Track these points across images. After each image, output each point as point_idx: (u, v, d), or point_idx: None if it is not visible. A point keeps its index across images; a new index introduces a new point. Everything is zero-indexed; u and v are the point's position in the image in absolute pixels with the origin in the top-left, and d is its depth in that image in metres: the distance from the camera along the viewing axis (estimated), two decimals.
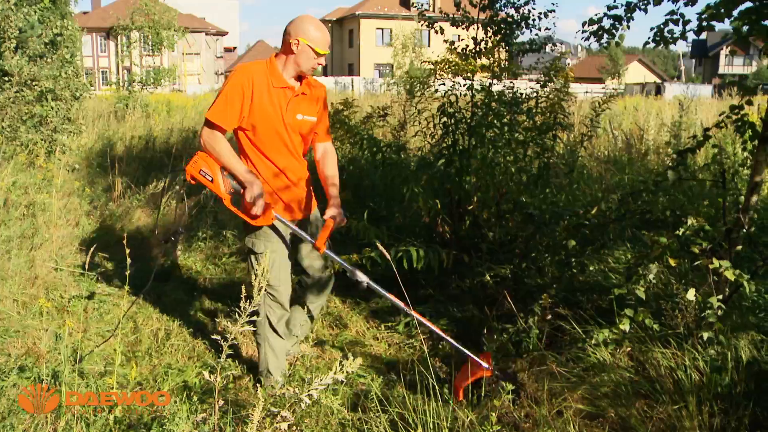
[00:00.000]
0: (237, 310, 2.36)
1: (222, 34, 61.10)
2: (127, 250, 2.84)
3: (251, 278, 3.34)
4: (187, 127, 11.89)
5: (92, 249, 3.88)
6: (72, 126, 8.73)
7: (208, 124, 3.12)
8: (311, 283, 3.65)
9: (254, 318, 2.37)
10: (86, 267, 4.64)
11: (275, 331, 3.42)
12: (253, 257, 3.33)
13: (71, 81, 8.56)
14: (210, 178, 3.11)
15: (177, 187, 7.03)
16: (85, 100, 9.65)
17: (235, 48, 74.30)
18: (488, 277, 4.40)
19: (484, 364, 3.19)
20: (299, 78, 3.26)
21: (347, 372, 2.29)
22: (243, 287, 2.38)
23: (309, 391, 2.40)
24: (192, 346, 3.93)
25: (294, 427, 2.82)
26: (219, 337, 2.52)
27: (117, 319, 4.12)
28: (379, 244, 2.93)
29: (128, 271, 2.99)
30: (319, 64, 3.22)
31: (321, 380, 2.36)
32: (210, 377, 2.41)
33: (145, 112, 14.74)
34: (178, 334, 4.05)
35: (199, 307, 4.58)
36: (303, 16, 3.20)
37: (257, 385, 3.43)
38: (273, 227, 3.26)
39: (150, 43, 18.08)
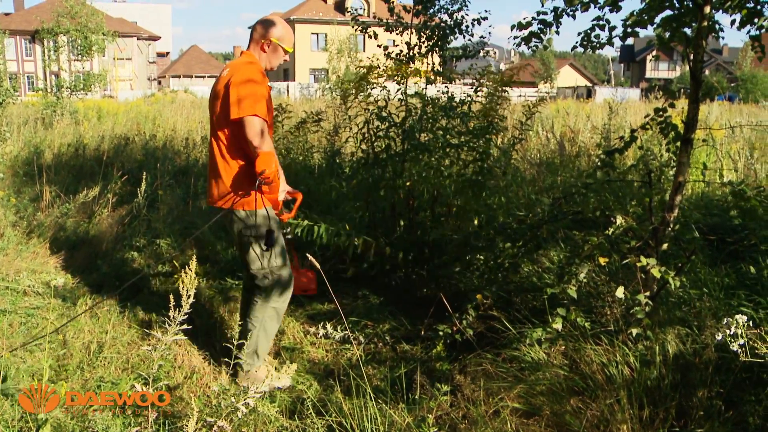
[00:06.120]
0: (168, 320, 2.31)
1: (154, 38, 59.87)
2: (51, 261, 2.74)
3: (255, 266, 3.42)
4: (119, 133, 11.59)
5: (18, 260, 3.75)
6: None
7: (260, 120, 3.16)
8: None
9: (185, 327, 2.33)
10: (11, 280, 4.47)
11: (277, 312, 3.56)
12: (257, 243, 3.41)
13: None
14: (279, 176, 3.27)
15: (109, 195, 6.85)
16: (8, 105, 9.31)
17: (168, 53, 72.93)
18: (419, 274, 4.45)
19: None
20: None
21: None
22: (172, 296, 2.33)
23: (246, 399, 2.38)
24: (126, 358, 3.82)
25: None
26: (152, 348, 2.46)
27: (45, 333, 3.98)
28: (310, 257, 2.91)
29: (55, 283, 2.88)
30: (285, 61, 3.49)
31: (257, 387, 2.33)
32: (143, 389, 2.36)
33: (74, 118, 14.31)
34: (111, 347, 3.93)
35: (133, 318, 4.46)
36: (270, 17, 3.43)
37: (237, 369, 3.47)
38: (269, 210, 3.42)
39: (78, 48, 17.55)
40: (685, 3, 3.36)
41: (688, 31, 3.45)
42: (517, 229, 3.98)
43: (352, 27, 5.56)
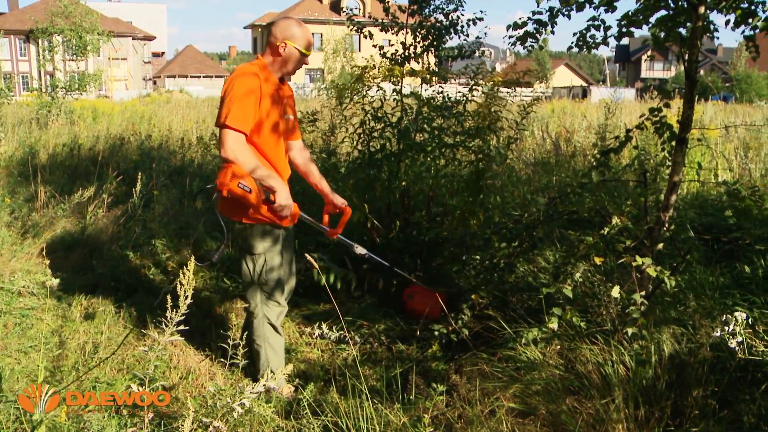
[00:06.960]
0: (165, 320, 2.30)
1: (149, 38, 59.84)
2: (47, 262, 2.74)
3: (248, 279, 3.36)
4: (114, 133, 11.56)
5: (12, 261, 3.73)
6: None
7: (230, 132, 3.04)
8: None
9: (182, 327, 2.32)
10: (6, 281, 4.45)
11: (275, 328, 3.45)
12: (249, 258, 3.34)
13: None
14: (249, 189, 3.04)
15: (104, 195, 6.83)
16: (3, 105, 9.27)
17: (163, 53, 72.84)
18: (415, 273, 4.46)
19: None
20: (281, 79, 3.36)
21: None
22: (169, 296, 2.32)
23: (241, 399, 2.37)
24: (121, 359, 3.81)
25: None
26: (148, 348, 2.46)
27: (41, 333, 3.97)
28: (308, 255, 2.91)
29: (50, 283, 2.87)
30: (304, 64, 3.36)
31: (253, 388, 2.33)
32: (139, 390, 2.35)
33: (69, 118, 14.28)
34: (106, 347, 3.92)
35: (128, 319, 4.45)
36: (287, 18, 3.32)
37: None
38: (273, 227, 3.31)
39: (73, 48, 17.49)
40: (680, 3, 3.37)
41: (682, 31, 3.46)
42: (513, 229, 3.98)
43: (348, 27, 5.56)
